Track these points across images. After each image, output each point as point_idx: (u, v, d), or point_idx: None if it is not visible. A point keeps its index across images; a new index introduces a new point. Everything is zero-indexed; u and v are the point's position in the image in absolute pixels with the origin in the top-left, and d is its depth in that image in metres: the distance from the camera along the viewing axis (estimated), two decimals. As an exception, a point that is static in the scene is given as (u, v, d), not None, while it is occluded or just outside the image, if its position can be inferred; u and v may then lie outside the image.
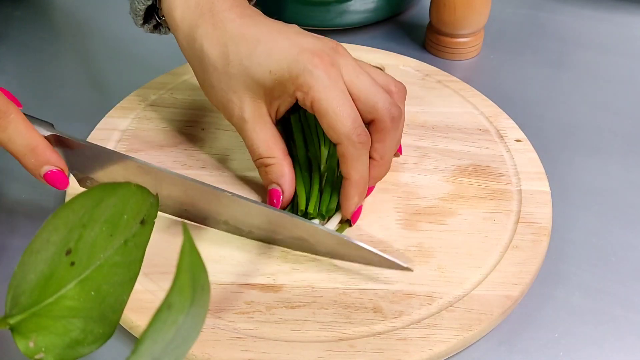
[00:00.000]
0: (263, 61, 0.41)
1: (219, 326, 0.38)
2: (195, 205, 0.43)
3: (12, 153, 0.40)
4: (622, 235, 0.47)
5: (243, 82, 0.42)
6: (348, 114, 0.40)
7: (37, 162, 0.40)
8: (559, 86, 0.61)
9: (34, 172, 0.40)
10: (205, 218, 0.44)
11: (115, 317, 0.32)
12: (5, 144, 0.39)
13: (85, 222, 0.32)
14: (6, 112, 0.39)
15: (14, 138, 0.39)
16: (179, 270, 0.24)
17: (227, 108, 0.44)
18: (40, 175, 0.40)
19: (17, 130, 0.39)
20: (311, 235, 0.41)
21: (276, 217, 0.41)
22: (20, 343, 0.29)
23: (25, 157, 0.40)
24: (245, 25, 0.43)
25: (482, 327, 0.38)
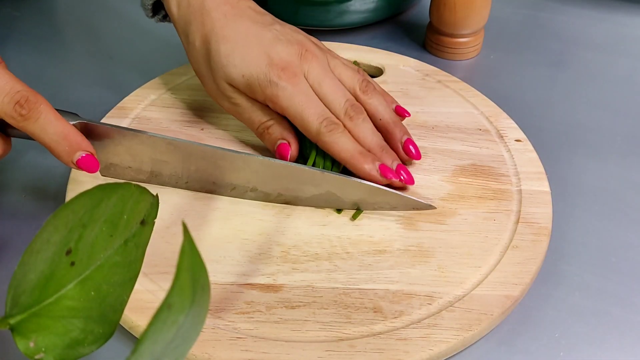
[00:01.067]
0: (238, 64, 0.45)
1: (219, 326, 0.38)
2: (224, 177, 0.45)
3: (44, 143, 0.40)
4: (622, 235, 0.47)
5: (223, 76, 0.46)
6: (312, 113, 0.45)
7: (70, 149, 0.40)
8: (559, 86, 0.61)
9: (67, 159, 0.41)
10: (234, 188, 0.46)
11: (116, 317, 0.32)
12: (37, 135, 0.40)
13: (85, 222, 0.32)
14: (36, 103, 0.39)
15: (47, 128, 0.40)
16: (179, 270, 0.24)
17: (218, 96, 0.48)
18: (73, 161, 0.41)
19: (48, 120, 0.40)
20: (340, 187, 0.44)
21: (307, 173, 0.44)
22: (20, 343, 0.29)
23: (59, 145, 0.40)
24: (226, 26, 0.46)
25: (482, 327, 0.38)
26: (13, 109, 0.38)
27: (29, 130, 0.39)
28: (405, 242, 0.43)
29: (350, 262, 0.42)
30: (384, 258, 0.42)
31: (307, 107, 0.45)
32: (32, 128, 0.39)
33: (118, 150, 0.45)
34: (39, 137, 0.40)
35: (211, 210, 0.45)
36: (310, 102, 0.45)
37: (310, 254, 0.42)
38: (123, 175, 0.46)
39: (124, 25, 0.68)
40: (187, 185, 0.46)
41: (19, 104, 0.38)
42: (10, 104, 0.38)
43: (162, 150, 0.44)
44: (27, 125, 0.39)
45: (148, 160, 0.45)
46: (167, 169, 0.46)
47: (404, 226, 0.45)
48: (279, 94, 0.45)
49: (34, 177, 0.50)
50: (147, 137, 0.44)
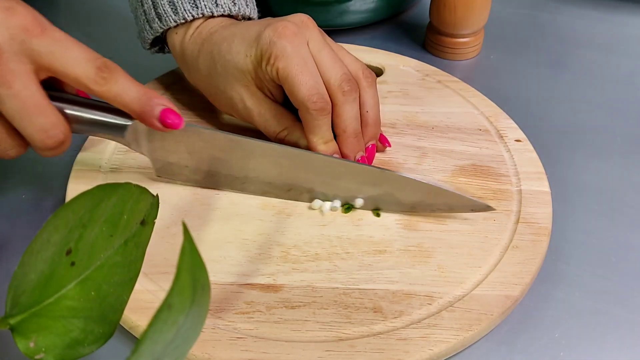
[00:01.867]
0: (240, 49, 0.46)
1: (219, 326, 0.38)
2: (281, 176, 0.45)
3: (125, 104, 0.40)
4: (622, 235, 0.47)
5: (232, 75, 0.46)
6: (305, 81, 0.43)
7: (152, 103, 0.40)
8: (559, 86, 0.61)
9: (151, 114, 0.40)
10: (290, 190, 0.46)
11: (116, 317, 0.32)
12: (120, 96, 0.39)
13: (85, 222, 0.32)
14: (115, 66, 0.39)
15: (127, 87, 0.39)
16: (179, 271, 0.24)
17: (232, 107, 0.48)
18: (157, 116, 0.40)
19: (127, 80, 0.40)
20: (400, 188, 0.44)
21: (368, 173, 0.44)
22: (20, 343, 0.29)
23: (140, 102, 0.40)
24: (224, 29, 0.48)
25: (482, 327, 0.38)
26: (95, 73, 0.38)
27: (112, 92, 0.39)
28: (405, 242, 0.43)
29: (350, 262, 0.42)
30: (384, 258, 0.42)
31: (301, 73, 0.43)
32: (114, 89, 0.39)
33: (177, 147, 0.44)
34: (121, 97, 0.39)
35: (211, 210, 0.45)
36: (307, 69, 0.44)
37: (310, 254, 0.42)
38: (179, 176, 0.46)
39: (124, 25, 0.68)
40: (242, 186, 0.46)
41: (99, 68, 0.38)
42: (93, 69, 0.38)
43: (222, 147, 0.44)
44: (110, 88, 0.39)
45: (206, 159, 0.45)
46: (224, 169, 0.45)
47: (404, 226, 0.45)
48: (278, 54, 0.43)
49: (34, 177, 0.50)
50: (209, 133, 0.44)
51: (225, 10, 0.49)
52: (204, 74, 0.48)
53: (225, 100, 0.48)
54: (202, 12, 0.48)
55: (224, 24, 0.49)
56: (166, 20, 0.48)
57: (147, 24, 0.50)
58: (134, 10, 0.52)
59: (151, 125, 0.41)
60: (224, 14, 0.49)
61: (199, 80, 0.50)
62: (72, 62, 0.38)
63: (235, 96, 0.47)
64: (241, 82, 0.46)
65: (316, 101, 0.43)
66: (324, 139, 0.45)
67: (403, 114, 0.54)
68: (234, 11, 0.49)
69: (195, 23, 0.49)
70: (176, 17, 0.48)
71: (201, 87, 0.50)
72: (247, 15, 0.50)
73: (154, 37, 0.51)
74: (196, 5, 0.48)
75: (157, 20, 0.49)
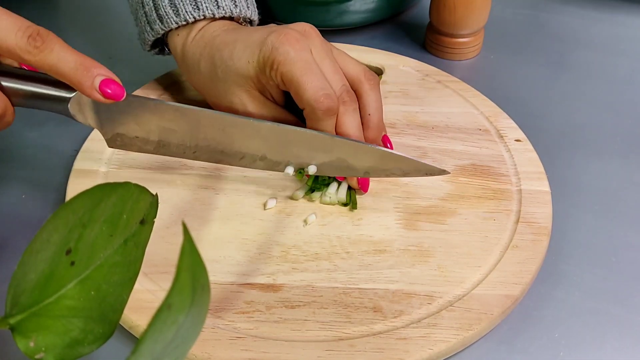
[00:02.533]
0: (242, 55, 0.45)
1: (219, 326, 0.38)
2: (233, 145, 0.45)
3: (62, 73, 0.38)
4: (622, 235, 0.46)
5: (233, 81, 0.46)
6: (311, 82, 0.43)
7: (90, 73, 0.38)
8: (559, 86, 0.61)
9: (88, 85, 0.39)
10: (243, 157, 0.45)
11: (116, 317, 0.32)
12: (55, 65, 0.38)
13: (85, 222, 0.32)
14: (48, 35, 0.38)
15: (63, 56, 0.38)
16: (179, 270, 0.24)
17: (233, 111, 0.47)
18: (95, 87, 0.39)
19: (63, 49, 0.38)
20: (352, 154, 0.44)
21: (317, 138, 0.44)
22: (20, 343, 0.29)
23: (77, 72, 0.38)
24: (226, 34, 0.48)
25: (482, 326, 0.38)
26: (27, 42, 0.37)
27: (46, 62, 0.38)
28: (405, 241, 0.43)
29: (350, 262, 0.42)
30: (384, 258, 0.42)
31: (306, 74, 0.43)
32: (49, 59, 0.38)
33: (125, 119, 0.43)
34: (56, 67, 0.38)
35: (211, 210, 0.45)
36: (311, 71, 0.43)
37: (310, 254, 0.42)
38: (130, 146, 0.45)
39: (123, 25, 0.68)
40: (195, 155, 0.46)
41: (31, 37, 0.37)
42: (24, 38, 0.37)
43: (169, 117, 0.44)
44: (45, 57, 0.37)
45: (155, 129, 0.44)
46: (174, 139, 0.45)
47: (404, 226, 0.45)
48: (281, 59, 0.43)
49: (34, 177, 0.50)
50: (154, 104, 0.43)
51: (227, 12, 0.49)
52: (205, 77, 0.48)
53: (226, 104, 0.48)
54: (204, 14, 0.48)
55: (226, 27, 0.48)
56: (167, 22, 0.48)
57: (148, 25, 0.50)
58: (134, 12, 0.51)
59: (91, 96, 0.39)
60: (225, 16, 0.49)
61: (200, 82, 0.50)
62: (3, 32, 0.37)
63: (236, 100, 0.47)
64: (242, 87, 0.46)
65: (323, 101, 0.43)
66: None
67: (403, 114, 0.54)
68: (235, 13, 0.49)
69: (197, 25, 0.49)
70: (177, 18, 0.48)
71: (201, 90, 0.50)
72: (248, 17, 0.50)
73: (155, 39, 0.51)
74: (197, 7, 0.48)
75: (158, 22, 0.49)
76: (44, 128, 0.55)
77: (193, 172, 0.48)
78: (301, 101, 0.44)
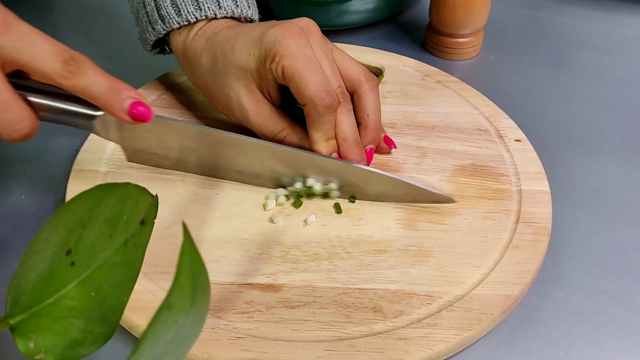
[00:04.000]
0: (243, 48, 0.46)
1: (219, 326, 0.38)
2: (250, 166, 0.46)
3: (94, 96, 0.39)
4: (622, 235, 0.46)
5: (232, 74, 0.46)
6: (313, 78, 0.43)
7: (120, 96, 0.39)
8: (559, 86, 0.61)
9: (119, 107, 0.39)
10: (259, 177, 0.47)
11: (116, 318, 0.32)
12: (88, 89, 0.39)
13: (85, 222, 0.32)
14: (82, 60, 0.39)
15: (96, 80, 0.39)
16: (179, 271, 0.24)
17: (228, 107, 0.48)
18: (125, 110, 0.39)
19: (96, 73, 0.39)
20: (363, 180, 0.45)
21: (333, 165, 0.45)
22: (20, 343, 0.29)
23: (109, 95, 0.39)
24: (229, 29, 0.48)
25: (482, 326, 0.38)
26: (62, 67, 0.38)
27: (80, 85, 0.38)
28: (405, 241, 0.43)
29: (350, 262, 0.42)
30: (384, 258, 0.42)
31: (308, 70, 0.43)
32: (83, 83, 0.38)
33: (147, 137, 0.45)
34: (89, 91, 0.39)
35: (211, 210, 0.45)
36: (313, 66, 0.44)
37: (310, 254, 0.42)
38: (149, 161, 0.47)
39: (123, 25, 0.68)
40: (211, 172, 0.47)
41: (66, 62, 0.38)
42: (59, 63, 0.38)
43: (191, 138, 0.45)
44: (79, 82, 0.38)
45: (176, 147, 0.46)
46: (193, 157, 0.46)
47: (403, 226, 0.45)
48: (283, 52, 0.43)
49: (34, 177, 0.50)
50: (178, 124, 0.44)
51: (228, 12, 0.49)
52: (205, 71, 0.48)
53: (222, 99, 0.48)
54: (206, 14, 0.48)
55: (228, 24, 0.49)
56: (169, 22, 0.48)
57: (150, 26, 0.50)
58: (136, 12, 0.51)
59: (120, 118, 0.40)
60: (226, 16, 0.49)
61: (199, 77, 0.50)
62: (39, 56, 0.37)
63: (232, 95, 0.47)
64: (241, 80, 0.46)
65: (325, 97, 0.43)
66: (326, 136, 0.45)
67: (403, 114, 0.54)
68: (237, 13, 0.49)
69: (198, 24, 0.49)
70: (179, 19, 0.48)
71: (200, 86, 0.50)
72: (249, 17, 0.51)
73: (156, 39, 0.51)
74: (199, 7, 0.48)
75: (160, 22, 0.49)
76: (44, 128, 0.54)
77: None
78: (303, 97, 0.44)
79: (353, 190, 0.46)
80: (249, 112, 0.47)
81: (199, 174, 0.47)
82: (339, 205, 0.46)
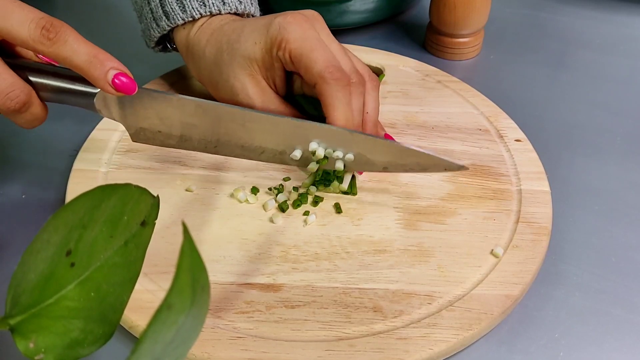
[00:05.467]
0: (249, 37, 0.46)
1: (218, 326, 0.38)
2: (253, 140, 0.46)
3: (76, 65, 0.39)
4: (622, 235, 0.47)
5: (238, 64, 0.46)
6: (321, 55, 0.44)
7: (104, 66, 0.39)
8: (559, 86, 0.61)
9: (102, 78, 0.39)
10: (263, 152, 0.46)
11: (116, 318, 0.32)
12: (69, 57, 0.39)
13: (85, 222, 0.32)
14: (62, 26, 0.38)
15: (77, 48, 0.38)
16: (179, 271, 0.24)
17: (234, 97, 0.48)
18: (108, 80, 0.39)
19: (76, 40, 0.39)
20: (371, 149, 0.44)
21: (337, 134, 0.44)
22: (20, 343, 0.29)
23: (91, 65, 0.39)
24: (234, 22, 0.48)
25: (482, 326, 0.38)
26: (40, 34, 0.38)
27: (60, 53, 0.38)
28: (405, 241, 0.43)
29: (350, 262, 0.42)
30: (384, 258, 0.42)
31: (316, 49, 0.44)
32: (62, 51, 0.38)
33: (148, 113, 0.45)
34: (70, 59, 0.39)
35: (211, 210, 0.45)
36: (321, 46, 0.44)
37: (310, 254, 0.42)
38: (153, 140, 0.46)
39: (124, 25, 0.68)
40: (216, 149, 0.46)
41: (44, 28, 0.38)
42: (37, 30, 0.38)
43: (191, 112, 0.45)
44: (58, 49, 0.38)
45: (177, 124, 0.45)
46: (196, 133, 0.46)
47: (404, 226, 0.45)
48: (289, 37, 0.44)
49: (34, 177, 0.50)
50: (177, 99, 0.44)
51: (232, 9, 0.49)
52: (210, 63, 0.48)
53: (227, 90, 0.48)
54: (210, 10, 0.48)
55: (232, 18, 0.49)
56: (174, 19, 0.49)
57: (154, 22, 0.50)
58: (139, 9, 0.52)
59: (103, 89, 0.40)
60: (230, 12, 0.50)
61: (204, 70, 0.49)
62: (16, 24, 0.37)
63: (237, 85, 0.47)
64: (246, 70, 0.46)
65: (333, 71, 0.43)
66: (345, 114, 0.44)
67: (403, 114, 0.54)
68: (240, 9, 0.50)
69: (202, 19, 0.49)
70: (184, 15, 0.48)
71: (204, 79, 0.50)
72: (251, 13, 0.51)
73: (160, 35, 0.51)
74: (204, 4, 0.48)
75: (164, 19, 0.49)
76: (44, 128, 0.55)
77: (193, 172, 0.48)
78: (312, 75, 0.44)
79: (359, 161, 0.45)
80: (255, 101, 0.47)
81: (205, 152, 0.47)
82: (339, 205, 0.46)
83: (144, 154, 0.49)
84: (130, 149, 0.50)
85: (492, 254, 0.42)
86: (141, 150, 0.50)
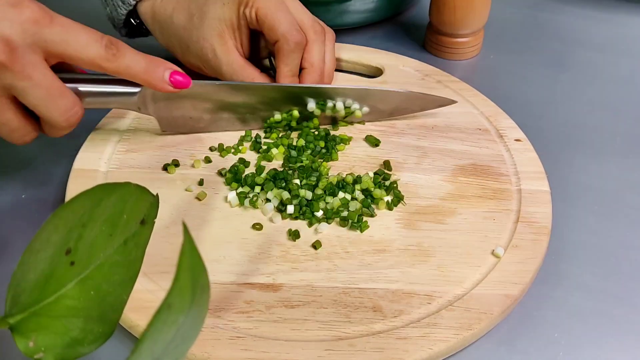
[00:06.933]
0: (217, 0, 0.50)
1: (218, 325, 0.38)
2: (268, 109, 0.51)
3: (136, 74, 0.43)
4: (622, 235, 0.46)
5: (207, 25, 0.50)
6: (284, 17, 0.49)
7: (160, 69, 0.44)
8: (559, 86, 0.61)
9: (160, 79, 0.44)
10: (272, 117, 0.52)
11: (115, 317, 0.32)
12: (131, 68, 0.43)
13: (85, 221, 0.32)
14: (119, 42, 0.42)
15: (135, 58, 0.43)
16: (179, 270, 0.24)
17: (203, 59, 0.51)
18: (166, 80, 0.44)
19: (133, 52, 0.43)
20: (381, 100, 0.52)
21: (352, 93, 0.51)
22: (20, 343, 0.29)
23: (149, 72, 0.43)
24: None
25: (482, 326, 0.38)
26: (106, 51, 0.41)
27: (122, 66, 0.42)
28: (405, 241, 0.43)
29: (350, 262, 0.42)
30: (384, 257, 0.42)
31: (280, 11, 0.49)
32: (125, 63, 0.42)
33: (181, 103, 0.49)
34: (131, 70, 0.43)
35: (211, 210, 0.45)
36: (284, 8, 0.49)
37: (310, 254, 0.42)
38: (183, 127, 0.50)
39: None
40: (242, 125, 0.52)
41: (107, 47, 0.41)
42: (102, 48, 0.41)
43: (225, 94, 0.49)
44: (121, 62, 0.42)
45: (210, 107, 0.50)
46: (226, 113, 0.50)
47: (404, 226, 0.45)
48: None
49: (34, 177, 0.50)
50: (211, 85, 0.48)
51: None
52: (179, 27, 0.51)
53: (197, 52, 0.51)
54: None
55: None
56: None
57: (120, 0, 0.53)
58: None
59: (162, 90, 0.44)
60: None
61: (172, 36, 0.52)
62: (83, 46, 0.41)
63: (207, 46, 0.50)
64: (215, 30, 0.49)
65: (295, 34, 0.49)
66: (292, 71, 0.50)
67: (403, 113, 0.54)
68: None
69: None
70: None
71: (172, 45, 0.53)
72: None
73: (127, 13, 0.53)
74: None
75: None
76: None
77: (193, 172, 0.48)
78: (275, 34, 0.49)
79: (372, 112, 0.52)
80: (221, 61, 0.50)
81: (232, 130, 0.51)
82: None
83: (144, 154, 0.49)
84: (130, 149, 0.50)
85: (493, 254, 0.42)
86: (141, 150, 0.50)
